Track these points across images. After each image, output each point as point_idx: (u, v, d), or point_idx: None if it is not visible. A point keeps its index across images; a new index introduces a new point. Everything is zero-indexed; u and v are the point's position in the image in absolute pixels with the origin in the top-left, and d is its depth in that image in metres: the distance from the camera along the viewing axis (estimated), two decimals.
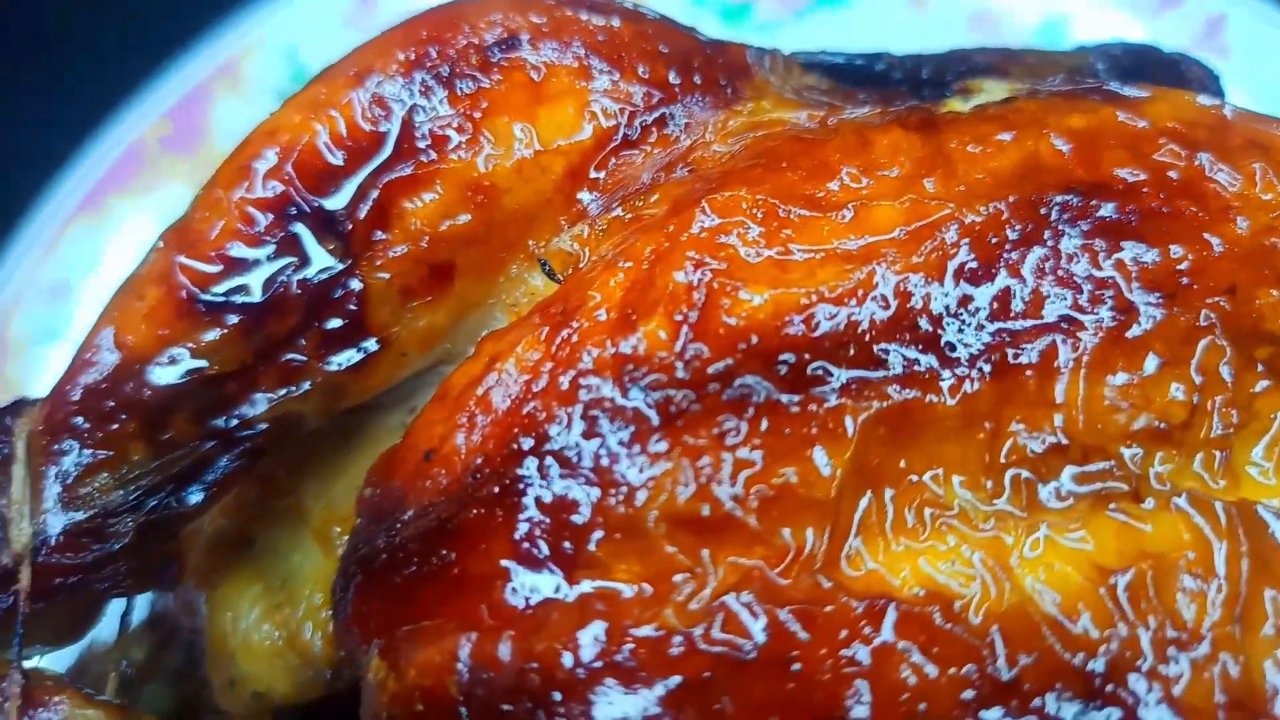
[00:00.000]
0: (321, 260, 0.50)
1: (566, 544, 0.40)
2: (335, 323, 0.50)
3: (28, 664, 0.48)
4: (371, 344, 0.51)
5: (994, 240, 0.44)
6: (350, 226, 0.49)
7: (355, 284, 0.50)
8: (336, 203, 0.50)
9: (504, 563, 0.41)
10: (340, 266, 0.50)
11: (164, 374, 0.49)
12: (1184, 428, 0.43)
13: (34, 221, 0.90)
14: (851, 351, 0.42)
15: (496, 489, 0.42)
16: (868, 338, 0.42)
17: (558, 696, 0.38)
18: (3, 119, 0.95)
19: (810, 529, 0.40)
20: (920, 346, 0.42)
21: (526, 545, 0.41)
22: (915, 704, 0.37)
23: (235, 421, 0.50)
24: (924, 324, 0.42)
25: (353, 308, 0.50)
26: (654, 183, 0.50)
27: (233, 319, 0.49)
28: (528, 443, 0.42)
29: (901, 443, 0.41)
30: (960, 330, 0.43)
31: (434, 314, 0.51)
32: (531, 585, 0.40)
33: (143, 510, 0.49)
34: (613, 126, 0.50)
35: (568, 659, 0.39)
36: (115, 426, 0.49)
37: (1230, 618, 0.38)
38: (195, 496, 0.51)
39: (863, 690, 0.37)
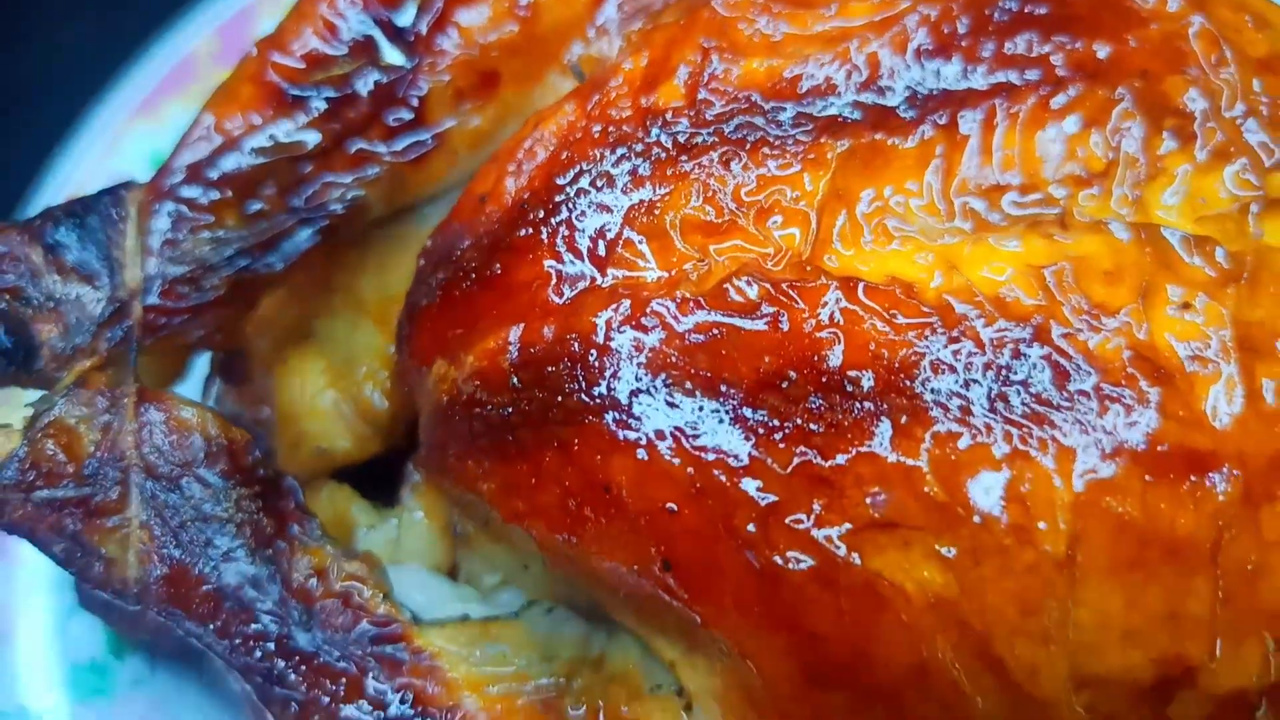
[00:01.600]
0: (390, 62, 0.59)
1: (600, 248, 0.50)
2: (399, 116, 0.59)
3: None
4: (428, 139, 0.60)
5: (947, 30, 0.54)
6: (415, 35, 0.59)
7: (417, 84, 0.59)
8: (404, 14, 0.59)
9: (548, 265, 0.50)
10: (406, 68, 0.59)
11: (255, 154, 0.58)
12: (1102, 176, 0.52)
13: (96, 120, 0.99)
14: (830, 103, 0.52)
15: (542, 212, 0.51)
16: (843, 93, 0.52)
17: (593, 355, 0.47)
18: (67, 27, 1.04)
19: (796, 230, 0.49)
20: (886, 102, 0.52)
21: (566, 251, 0.50)
22: (880, 350, 0.46)
23: (314, 201, 0.60)
24: (889, 85, 0.52)
25: (414, 104, 0.59)
26: (667, 3, 0.60)
27: (315, 109, 0.58)
28: (567, 176, 0.52)
29: (870, 174, 0.51)
30: (918, 92, 0.52)
31: (482, 116, 0.61)
32: (570, 282, 0.50)
33: (233, 269, 0.58)
34: None
35: (600, 326, 0.48)
36: (215, 195, 0.58)
37: (1137, 297, 0.48)
38: (277, 264, 0.59)
39: (838, 339, 0.46)
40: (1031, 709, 0.46)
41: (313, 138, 0.58)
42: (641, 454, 0.45)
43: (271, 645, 0.50)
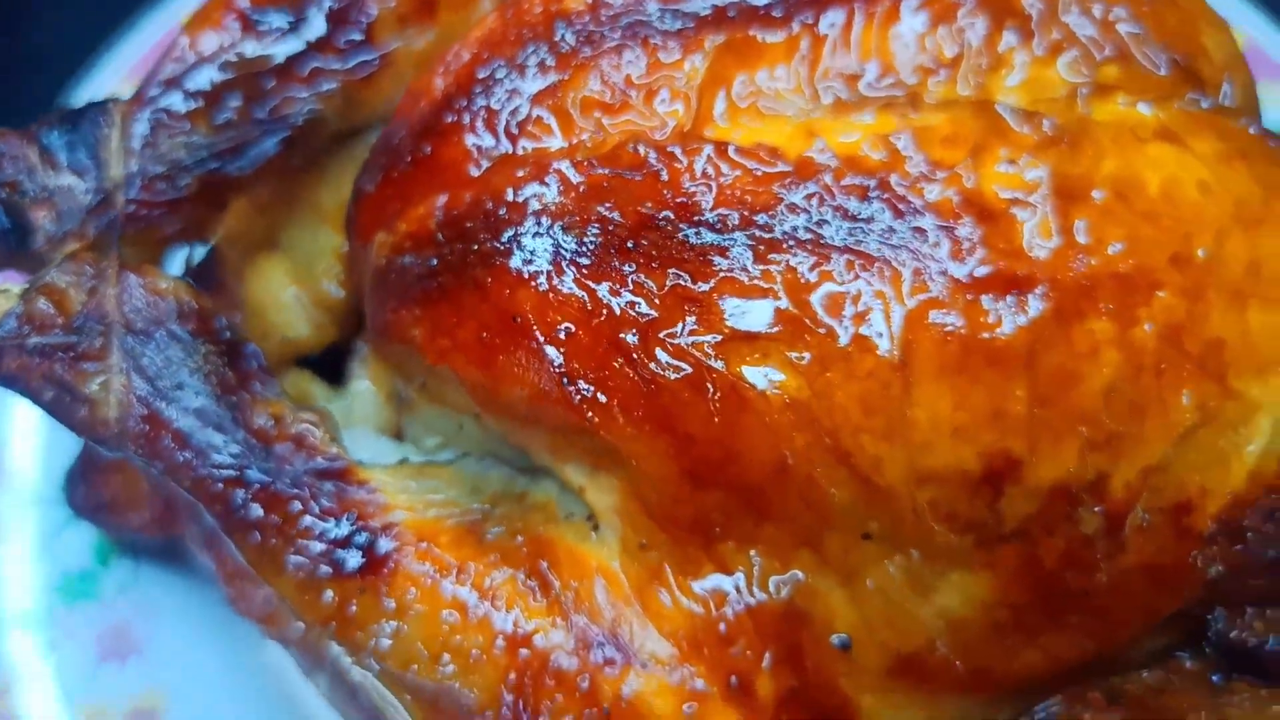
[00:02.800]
0: None
1: (512, 125, 0.58)
2: (350, 38, 0.68)
3: None
4: (376, 59, 0.69)
5: None
6: None
7: (367, 9, 0.68)
8: None
9: (468, 143, 0.58)
10: None
11: (224, 69, 0.67)
12: (949, 66, 0.60)
13: (87, 86, 1.07)
14: (711, 3, 0.60)
15: (464, 100, 0.60)
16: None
17: (503, 209, 0.55)
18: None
19: (680, 107, 0.57)
20: (758, 4, 0.60)
21: (484, 130, 0.58)
22: (744, 195, 0.54)
23: (276, 114, 0.68)
24: None
25: (364, 26, 0.68)
26: None
27: (276, 30, 0.67)
28: (486, 70, 0.60)
29: (744, 63, 0.59)
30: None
31: (423, 40, 0.69)
32: (487, 155, 0.58)
33: (204, 170, 0.66)
34: None
35: (510, 185, 0.56)
36: (189, 105, 0.66)
37: (965, 158, 0.56)
38: (245, 168, 0.67)
39: (709, 187, 0.54)
40: (879, 500, 0.53)
41: (274, 56, 0.67)
42: (542, 284, 0.53)
43: (233, 474, 0.58)
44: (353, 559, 0.56)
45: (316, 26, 0.67)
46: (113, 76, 1.07)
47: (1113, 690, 0.59)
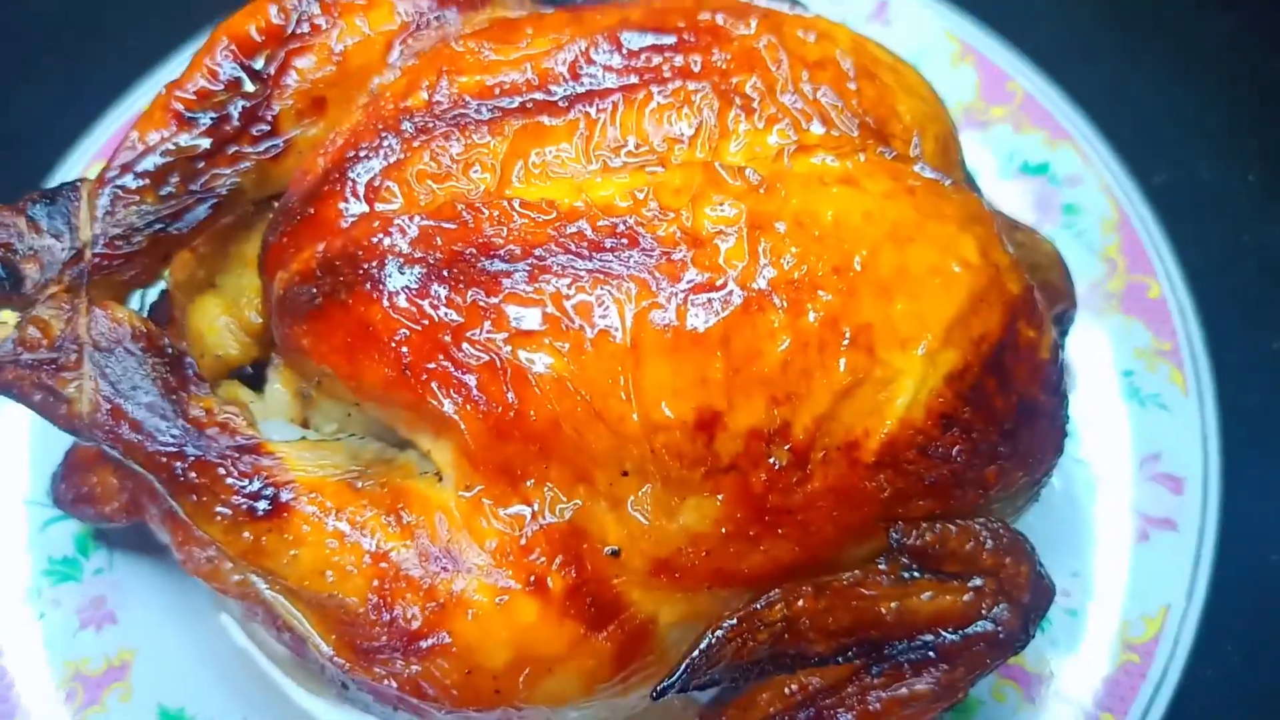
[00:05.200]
0: (252, 93, 0.90)
1: (369, 191, 0.81)
2: (260, 129, 0.90)
3: None
4: (281, 143, 0.91)
5: (593, 52, 0.86)
6: (268, 75, 0.91)
7: (271, 107, 0.91)
8: (260, 62, 0.91)
9: (339, 205, 0.81)
10: (263, 97, 0.90)
11: (165, 155, 0.89)
12: (691, 138, 0.83)
13: (64, 167, 1.29)
14: (514, 100, 0.83)
15: (337, 174, 0.83)
16: (524, 93, 0.84)
17: (360, 251, 0.78)
18: (33, 92, 1.37)
19: (489, 176, 0.80)
20: (550, 98, 0.83)
21: (350, 196, 0.81)
22: (525, 235, 0.77)
23: (206, 187, 0.90)
24: (553, 87, 0.84)
25: (270, 120, 0.90)
26: (432, 43, 0.91)
27: (204, 125, 0.89)
28: (353, 152, 0.83)
29: (537, 141, 0.82)
30: (574, 91, 0.84)
31: (317, 128, 0.92)
32: (352, 214, 0.80)
33: (151, 230, 0.88)
34: (410, 20, 0.92)
35: (366, 235, 0.78)
36: (140, 183, 0.88)
37: (687, 203, 0.78)
38: (184, 229, 0.90)
39: (501, 231, 0.77)
40: (628, 445, 0.75)
41: (203, 144, 0.89)
42: (385, 303, 0.76)
43: (175, 450, 0.79)
44: (262, 506, 0.78)
45: (234, 122, 0.90)
46: (83, 158, 1.30)
47: (821, 585, 0.81)
